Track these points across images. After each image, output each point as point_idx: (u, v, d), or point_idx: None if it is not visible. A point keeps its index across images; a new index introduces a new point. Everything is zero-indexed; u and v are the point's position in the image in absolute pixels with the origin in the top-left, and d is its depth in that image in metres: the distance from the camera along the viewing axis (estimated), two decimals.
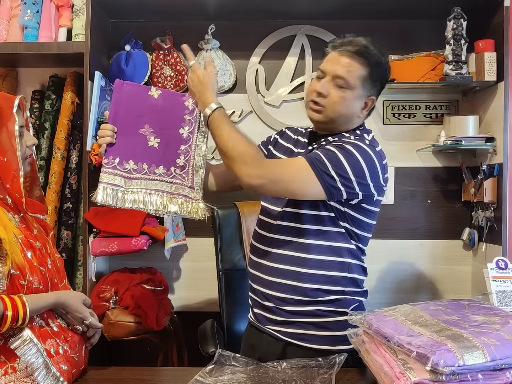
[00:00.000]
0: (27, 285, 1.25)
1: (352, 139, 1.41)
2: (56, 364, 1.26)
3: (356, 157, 1.35)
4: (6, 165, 1.24)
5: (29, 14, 2.22)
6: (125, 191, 1.42)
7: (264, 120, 2.47)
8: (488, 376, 1.02)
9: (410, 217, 2.46)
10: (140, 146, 1.44)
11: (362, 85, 1.42)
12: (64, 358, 1.30)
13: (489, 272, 1.79)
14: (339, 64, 1.41)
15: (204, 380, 1.27)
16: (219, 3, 2.28)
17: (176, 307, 2.41)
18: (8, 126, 1.26)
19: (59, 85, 2.38)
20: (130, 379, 1.37)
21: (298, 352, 1.43)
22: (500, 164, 2.16)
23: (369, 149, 1.39)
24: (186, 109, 1.47)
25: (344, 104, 1.42)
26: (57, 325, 1.32)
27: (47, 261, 1.35)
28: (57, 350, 1.28)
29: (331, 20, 2.40)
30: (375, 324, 1.19)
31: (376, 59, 1.43)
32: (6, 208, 1.27)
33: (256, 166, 1.35)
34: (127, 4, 2.30)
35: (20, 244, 1.25)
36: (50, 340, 1.28)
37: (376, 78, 1.44)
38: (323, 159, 1.34)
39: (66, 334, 1.34)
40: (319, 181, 1.34)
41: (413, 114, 2.47)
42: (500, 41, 2.14)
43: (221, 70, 2.42)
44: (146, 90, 1.46)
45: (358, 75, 1.41)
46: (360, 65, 1.41)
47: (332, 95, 1.41)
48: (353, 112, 1.45)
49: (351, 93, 1.41)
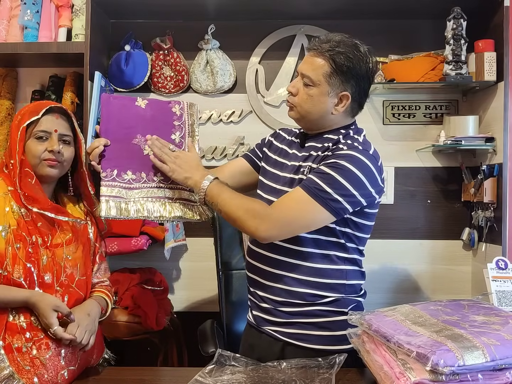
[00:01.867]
0: (3, 274, 1.29)
1: (345, 150, 1.40)
2: (15, 361, 1.27)
3: (353, 172, 1.36)
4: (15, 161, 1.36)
5: (29, 14, 2.22)
6: (127, 201, 1.41)
7: (264, 120, 2.47)
8: (488, 376, 1.02)
9: (410, 217, 2.46)
10: (136, 155, 1.45)
11: (327, 82, 1.42)
12: (27, 357, 1.29)
13: (489, 272, 1.79)
14: (305, 63, 1.46)
15: (204, 380, 1.27)
16: (219, 3, 2.28)
17: (176, 307, 2.41)
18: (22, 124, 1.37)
19: (59, 85, 2.38)
20: (130, 379, 1.37)
21: (298, 352, 1.43)
22: (500, 164, 2.16)
23: (363, 157, 1.38)
24: (174, 115, 1.50)
25: (309, 101, 1.45)
26: (27, 322, 1.31)
27: (40, 257, 1.35)
28: (20, 347, 1.29)
29: (331, 20, 2.40)
30: (375, 324, 1.19)
31: (346, 55, 1.41)
32: (17, 200, 1.35)
33: (264, 219, 1.37)
34: (127, 4, 2.31)
35: (10, 234, 1.30)
36: (17, 336, 1.29)
37: (346, 74, 1.42)
38: (322, 186, 1.34)
39: (35, 333, 1.32)
40: (325, 209, 1.35)
41: (413, 114, 2.47)
42: (500, 41, 2.14)
43: (221, 70, 2.42)
44: (133, 101, 1.48)
45: (322, 72, 1.42)
46: (323, 62, 1.42)
47: (299, 93, 1.46)
48: (323, 109, 1.45)
49: (316, 89, 1.43)
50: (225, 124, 2.49)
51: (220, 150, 2.48)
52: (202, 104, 2.48)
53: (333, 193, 1.34)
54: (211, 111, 2.49)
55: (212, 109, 2.48)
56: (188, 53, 2.47)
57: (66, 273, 1.41)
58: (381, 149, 1.56)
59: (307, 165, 1.44)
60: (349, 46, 1.43)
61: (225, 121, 2.48)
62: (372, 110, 2.46)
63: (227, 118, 2.48)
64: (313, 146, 1.49)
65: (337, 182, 1.35)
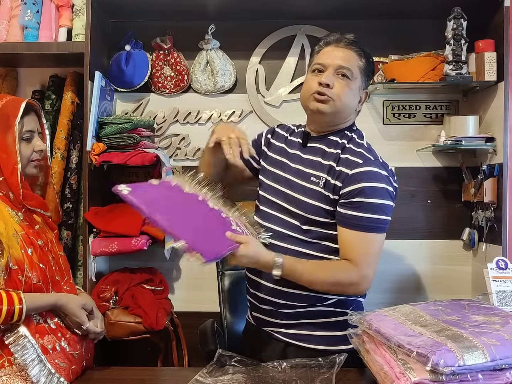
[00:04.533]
0: (25, 281, 1.28)
1: (362, 167, 1.40)
2: (52, 360, 1.28)
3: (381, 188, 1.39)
4: (7, 160, 1.31)
5: (29, 14, 2.22)
6: None
7: (264, 120, 2.47)
8: (488, 376, 1.02)
9: (410, 217, 2.46)
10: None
11: (361, 76, 1.45)
12: (62, 355, 1.32)
13: (489, 272, 1.79)
14: (339, 55, 1.44)
15: (204, 380, 1.27)
16: (219, 3, 2.28)
17: (176, 307, 2.41)
18: (12, 127, 1.32)
19: (59, 85, 2.38)
20: (130, 379, 1.37)
21: (299, 352, 1.43)
22: (500, 164, 2.16)
23: (379, 169, 1.41)
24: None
25: (349, 94, 1.44)
26: (55, 322, 1.34)
27: (48, 258, 1.36)
28: (54, 347, 1.31)
29: (331, 20, 2.40)
30: (375, 324, 1.19)
31: (367, 53, 1.47)
32: (10, 205, 1.32)
33: (358, 283, 1.40)
34: (127, 4, 2.30)
35: (21, 241, 1.29)
36: (47, 337, 1.31)
37: (369, 71, 1.47)
38: (372, 217, 1.38)
39: (65, 331, 1.35)
40: (384, 232, 1.43)
41: (413, 114, 2.46)
42: (500, 41, 2.14)
43: (221, 70, 2.42)
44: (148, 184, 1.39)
45: (358, 65, 1.44)
46: (358, 55, 1.44)
47: (337, 86, 1.42)
48: (354, 104, 1.48)
49: (353, 83, 1.44)
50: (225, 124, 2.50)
51: None
52: (203, 104, 2.49)
53: (382, 217, 1.40)
54: (212, 111, 2.48)
55: (213, 109, 2.48)
56: (188, 53, 2.47)
57: (65, 270, 1.43)
58: (381, 149, 1.57)
59: (320, 176, 1.43)
60: (363, 45, 1.48)
61: (226, 121, 2.48)
62: (372, 110, 2.46)
63: (227, 118, 2.48)
64: (317, 148, 1.48)
65: (378, 205, 1.38)
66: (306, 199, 1.43)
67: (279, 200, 1.49)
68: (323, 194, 1.42)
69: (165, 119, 2.48)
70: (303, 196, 1.44)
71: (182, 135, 2.49)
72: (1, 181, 1.32)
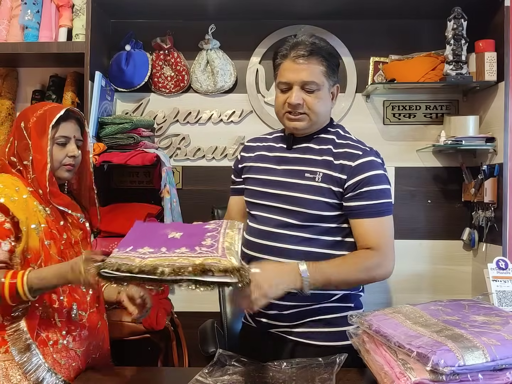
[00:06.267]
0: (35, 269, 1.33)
1: (362, 158, 1.45)
2: (50, 356, 1.34)
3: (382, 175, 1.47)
4: (40, 160, 1.41)
5: (29, 14, 2.22)
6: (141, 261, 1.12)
7: (264, 120, 2.47)
8: (488, 376, 1.02)
9: (410, 217, 2.46)
10: (159, 238, 1.22)
11: (327, 79, 1.46)
12: (63, 351, 1.36)
13: (489, 272, 1.79)
14: (300, 70, 1.43)
15: (204, 380, 1.27)
16: (219, 3, 2.28)
17: (176, 307, 2.41)
18: (47, 131, 1.41)
19: (59, 85, 2.38)
20: (130, 379, 1.38)
21: (307, 350, 1.43)
22: (500, 164, 2.16)
23: (374, 157, 1.47)
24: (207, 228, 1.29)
25: (321, 104, 1.47)
26: (62, 321, 1.37)
27: (68, 254, 1.41)
28: (56, 342, 1.36)
29: (331, 20, 2.40)
30: (375, 324, 1.19)
31: (327, 50, 1.47)
32: (39, 200, 1.40)
33: (380, 264, 1.41)
34: (127, 4, 2.31)
35: (41, 232, 1.36)
36: (51, 331, 1.35)
37: (334, 67, 1.49)
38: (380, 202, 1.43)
39: (74, 327, 1.39)
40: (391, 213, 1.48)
41: (413, 114, 2.47)
42: (500, 41, 2.14)
43: (221, 70, 2.42)
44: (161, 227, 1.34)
45: (321, 71, 1.45)
46: (318, 62, 1.44)
47: (308, 100, 1.45)
48: (328, 107, 1.52)
49: (322, 92, 1.46)
50: (225, 124, 2.49)
51: (220, 150, 2.48)
52: (203, 104, 2.49)
53: (389, 200, 1.46)
54: (212, 111, 2.49)
55: (213, 109, 2.49)
56: (188, 53, 2.47)
57: None
58: (381, 149, 1.57)
59: (316, 171, 1.45)
60: (321, 40, 1.48)
61: (226, 121, 2.48)
62: (372, 110, 2.46)
63: (227, 118, 2.48)
64: (304, 147, 1.51)
65: (384, 190, 1.45)
66: (304, 195, 1.44)
67: (271, 202, 1.49)
68: (322, 187, 1.44)
69: (165, 119, 2.48)
70: (300, 193, 1.45)
71: (182, 135, 2.49)
72: (34, 178, 1.41)
